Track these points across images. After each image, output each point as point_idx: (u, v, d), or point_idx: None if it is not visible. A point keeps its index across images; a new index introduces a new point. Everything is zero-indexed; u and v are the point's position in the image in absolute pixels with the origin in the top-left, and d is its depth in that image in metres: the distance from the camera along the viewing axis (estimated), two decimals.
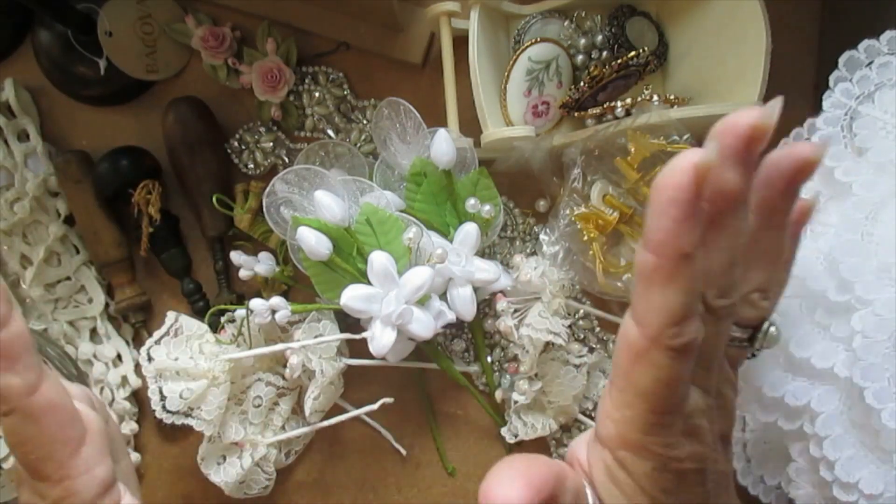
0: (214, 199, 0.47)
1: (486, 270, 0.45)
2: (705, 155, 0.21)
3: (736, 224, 0.24)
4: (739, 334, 0.28)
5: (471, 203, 0.45)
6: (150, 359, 0.47)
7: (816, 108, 0.37)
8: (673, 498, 0.26)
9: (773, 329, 0.28)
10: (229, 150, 0.51)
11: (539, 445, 0.50)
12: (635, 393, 0.25)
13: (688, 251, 0.22)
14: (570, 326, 0.46)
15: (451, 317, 0.44)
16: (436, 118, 0.46)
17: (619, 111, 0.45)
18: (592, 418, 0.48)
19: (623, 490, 0.27)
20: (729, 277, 0.25)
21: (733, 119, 0.23)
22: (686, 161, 0.21)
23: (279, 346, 0.44)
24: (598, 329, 0.49)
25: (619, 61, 0.43)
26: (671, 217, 0.22)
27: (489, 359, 0.50)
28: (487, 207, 0.45)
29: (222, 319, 0.47)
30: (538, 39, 0.46)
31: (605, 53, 0.48)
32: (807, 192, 0.36)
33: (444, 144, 0.43)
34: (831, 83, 0.36)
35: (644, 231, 0.23)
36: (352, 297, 0.41)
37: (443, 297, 0.45)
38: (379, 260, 0.41)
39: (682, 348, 0.23)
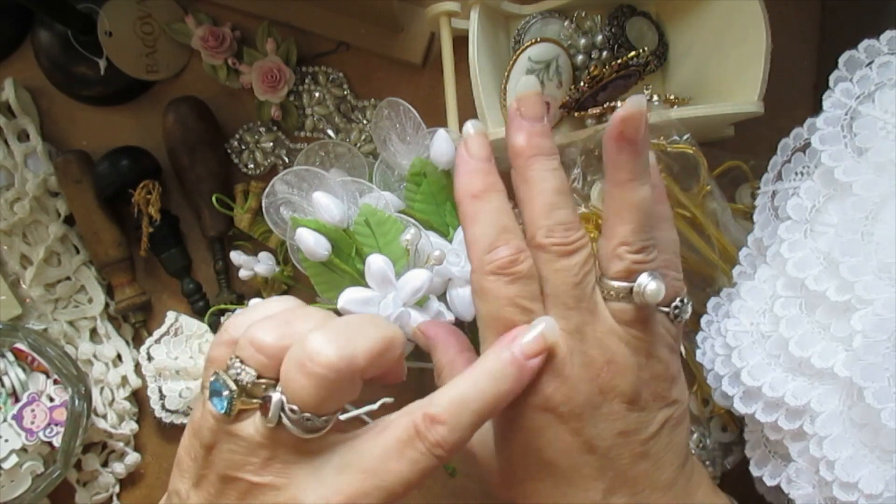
0: (214, 199, 0.47)
1: None
2: (473, 131, 0.31)
3: (536, 175, 0.31)
4: (617, 285, 0.30)
5: None
6: (149, 358, 0.47)
7: (816, 108, 0.37)
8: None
9: (650, 286, 0.29)
10: (229, 150, 0.51)
11: None
12: (483, 326, 0.30)
13: (475, 193, 0.30)
14: None
15: (449, 318, 0.44)
16: (436, 118, 0.46)
17: None
18: None
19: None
20: (551, 219, 0.30)
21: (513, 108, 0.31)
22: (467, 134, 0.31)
23: None
24: None
25: (619, 61, 0.43)
26: (462, 172, 0.31)
27: None
28: None
29: (222, 319, 0.47)
30: (538, 39, 0.46)
31: (605, 53, 0.48)
32: (807, 193, 0.36)
33: (443, 144, 0.43)
34: (831, 83, 0.36)
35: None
36: (349, 300, 0.41)
37: (442, 297, 0.44)
38: (376, 263, 0.41)
39: (499, 270, 0.29)
